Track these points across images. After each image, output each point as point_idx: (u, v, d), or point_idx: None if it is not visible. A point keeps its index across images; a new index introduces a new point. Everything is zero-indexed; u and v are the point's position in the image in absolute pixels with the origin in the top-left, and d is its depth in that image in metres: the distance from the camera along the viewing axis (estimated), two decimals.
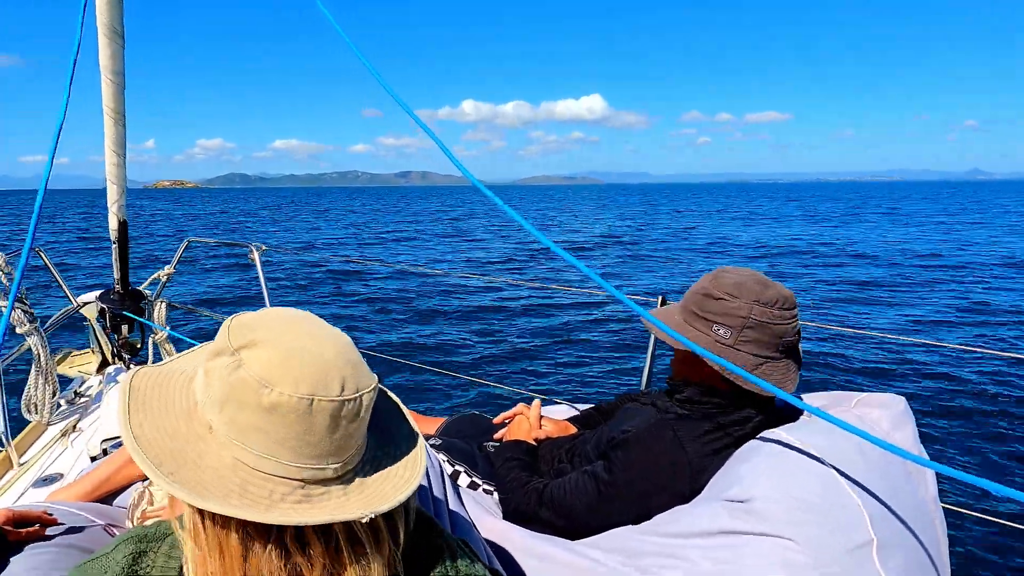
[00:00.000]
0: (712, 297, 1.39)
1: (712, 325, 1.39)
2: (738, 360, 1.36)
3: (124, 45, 2.65)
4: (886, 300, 12.06)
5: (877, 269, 16.24)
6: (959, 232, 27.92)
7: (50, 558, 1.14)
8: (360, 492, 0.71)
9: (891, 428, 1.34)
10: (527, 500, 1.50)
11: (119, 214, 2.98)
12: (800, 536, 1.14)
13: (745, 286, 1.37)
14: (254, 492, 0.65)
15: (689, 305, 1.45)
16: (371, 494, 0.71)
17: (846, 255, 19.37)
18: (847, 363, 7.57)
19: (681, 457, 1.36)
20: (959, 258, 18.28)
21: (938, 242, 23.21)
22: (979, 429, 5.61)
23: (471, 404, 5.86)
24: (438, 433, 2.00)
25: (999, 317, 10.42)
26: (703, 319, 1.40)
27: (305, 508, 0.66)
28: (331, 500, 0.68)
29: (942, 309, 11.12)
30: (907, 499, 1.25)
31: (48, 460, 2.32)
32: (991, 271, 15.54)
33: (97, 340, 3.33)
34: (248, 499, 0.64)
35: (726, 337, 1.37)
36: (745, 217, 42.75)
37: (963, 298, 12.08)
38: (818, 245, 22.47)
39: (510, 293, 12.16)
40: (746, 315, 1.35)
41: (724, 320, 1.37)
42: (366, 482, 0.72)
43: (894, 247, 21.59)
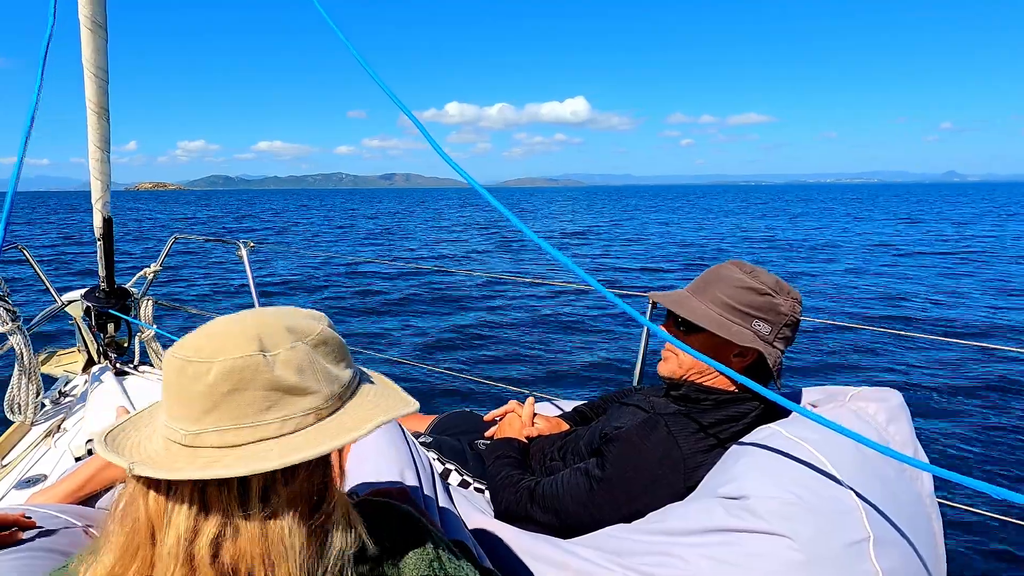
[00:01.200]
0: (757, 292, 1.37)
1: (753, 320, 1.37)
2: (770, 356, 1.37)
3: (107, 39, 2.60)
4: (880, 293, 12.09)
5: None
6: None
7: (27, 562, 1.10)
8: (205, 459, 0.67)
9: (887, 422, 1.33)
10: (519, 498, 1.47)
11: (103, 211, 2.93)
12: (796, 533, 1.12)
13: (781, 284, 1.40)
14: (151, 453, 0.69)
15: (723, 297, 1.40)
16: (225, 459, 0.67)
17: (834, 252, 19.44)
18: (842, 358, 7.60)
19: (675, 453, 1.34)
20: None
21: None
22: (976, 424, 5.63)
23: (462, 401, 5.84)
24: (429, 430, 1.98)
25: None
26: (744, 313, 1.38)
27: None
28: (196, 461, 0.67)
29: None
30: (903, 495, 1.23)
31: (31, 461, 2.28)
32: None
33: (83, 339, 3.28)
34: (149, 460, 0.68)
35: (766, 333, 1.37)
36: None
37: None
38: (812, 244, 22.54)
39: (501, 289, 12.14)
40: (788, 312, 1.37)
41: (767, 316, 1.37)
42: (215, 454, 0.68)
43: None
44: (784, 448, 1.24)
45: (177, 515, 0.66)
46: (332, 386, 0.72)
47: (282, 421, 0.68)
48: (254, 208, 66.39)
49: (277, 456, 0.65)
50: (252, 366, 0.66)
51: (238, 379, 0.66)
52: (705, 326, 1.38)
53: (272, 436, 0.68)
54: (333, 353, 0.74)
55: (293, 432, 0.69)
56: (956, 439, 5.29)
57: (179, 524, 0.66)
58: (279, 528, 0.67)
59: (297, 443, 0.68)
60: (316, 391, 0.70)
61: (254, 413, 0.67)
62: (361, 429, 0.70)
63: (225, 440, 0.67)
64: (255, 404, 0.67)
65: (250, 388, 0.67)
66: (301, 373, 0.69)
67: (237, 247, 3.14)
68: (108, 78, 2.67)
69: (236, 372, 0.66)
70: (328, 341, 0.74)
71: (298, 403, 0.69)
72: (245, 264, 3.09)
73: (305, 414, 0.69)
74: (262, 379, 0.67)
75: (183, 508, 0.66)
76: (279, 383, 0.67)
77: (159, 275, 3.32)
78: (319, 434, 0.69)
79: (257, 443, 0.67)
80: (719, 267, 1.46)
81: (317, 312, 0.78)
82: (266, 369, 0.67)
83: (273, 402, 0.68)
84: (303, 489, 0.70)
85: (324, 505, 0.72)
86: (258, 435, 0.67)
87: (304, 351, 0.70)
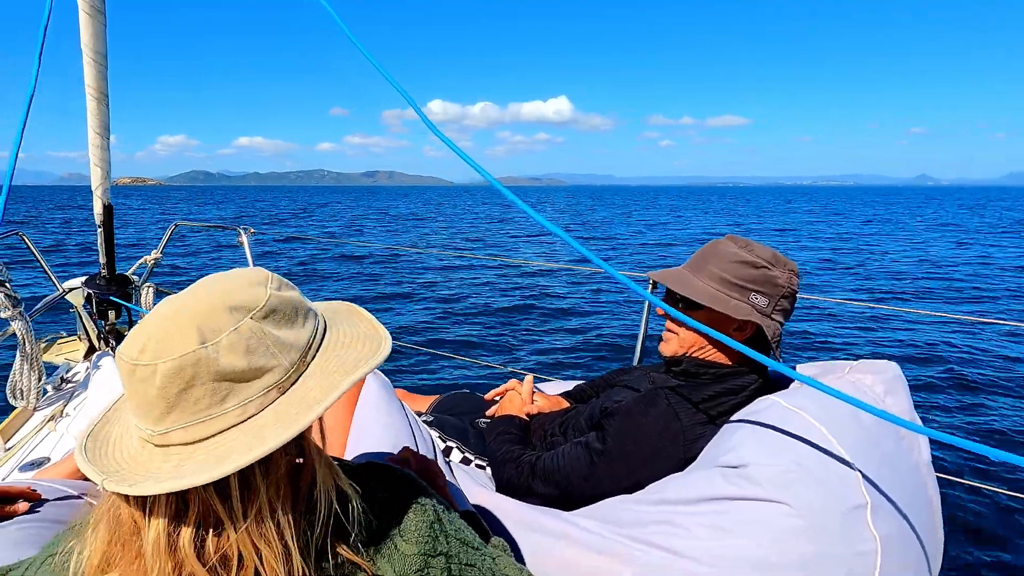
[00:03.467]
0: (753, 266, 1.39)
1: (750, 294, 1.39)
2: (768, 329, 1.39)
3: (106, 23, 2.59)
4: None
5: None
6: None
7: (35, 533, 1.11)
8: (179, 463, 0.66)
9: (884, 393, 1.34)
10: (520, 472, 1.49)
11: (104, 198, 2.93)
12: (794, 500, 1.14)
13: (778, 256, 1.41)
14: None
15: (719, 272, 1.42)
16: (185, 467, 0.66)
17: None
18: (839, 335, 7.66)
19: (675, 425, 1.35)
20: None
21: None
22: (971, 397, 5.68)
23: (463, 382, 5.86)
24: (430, 410, 1.99)
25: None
26: (740, 287, 1.39)
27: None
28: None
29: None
30: (900, 463, 1.25)
31: (34, 446, 2.29)
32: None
33: (84, 326, 3.29)
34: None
35: (763, 305, 1.38)
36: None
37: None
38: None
39: (501, 271, 12.16)
40: (784, 284, 1.38)
41: (764, 288, 1.38)
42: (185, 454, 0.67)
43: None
44: (783, 418, 1.25)
45: (156, 514, 0.66)
46: (290, 354, 0.69)
47: (242, 406, 0.67)
48: (276, 205, 65.38)
49: (245, 448, 0.64)
50: (194, 362, 0.64)
51: (185, 378, 0.64)
52: (703, 302, 1.39)
53: (236, 423, 0.67)
54: (285, 317, 0.71)
55: (257, 413, 0.67)
56: (953, 412, 5.35)
57: (158, 523, 0.65)
58: (262, 509, 0.67)
59: (263, 422, 0.67)
60: (272, 366, 0.68)
61: (210, 406, 0.66)
62: (326, 400, 0.67)
63: (191, 435, 0.66)
64: (208, 397, 0.65)
65: (198, 384, 0.65)
66: (251, 354, 0.66)
67: (238, 233, 3.14)
68: (107, 63, 2.67)
69: (180, 371, 0.64)
70: (277, 307, 0.70)
71: (254, 384, 0.67)
72: (246, 250, 3.09)
73: (266, 391, 0.68)
74: (208, 372, 0.64)
75: (161, 508, 0.65)
76: (227, 373, 0.65)
77: (160, 262, 3.33)
78: (286, 408, 0.68)
79: (225, 432, 0.66)
80: (715, 243, 1.47)
81: (261, 273, 0.74)
82: (211, 361, 0.64)
83: (227, 391, 0.66)
84: (280, 464, 0.69)
85: (305, 472, 0.72)
86: (222, 424, 0.66)
87: (249, 329, 0.67)
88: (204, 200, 79.32)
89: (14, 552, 1.05)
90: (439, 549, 0.80)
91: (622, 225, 33.28)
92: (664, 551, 1.18)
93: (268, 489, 0.67)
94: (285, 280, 0.76)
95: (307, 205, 58.10)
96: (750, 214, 46.55)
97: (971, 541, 3.36)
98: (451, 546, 0.81)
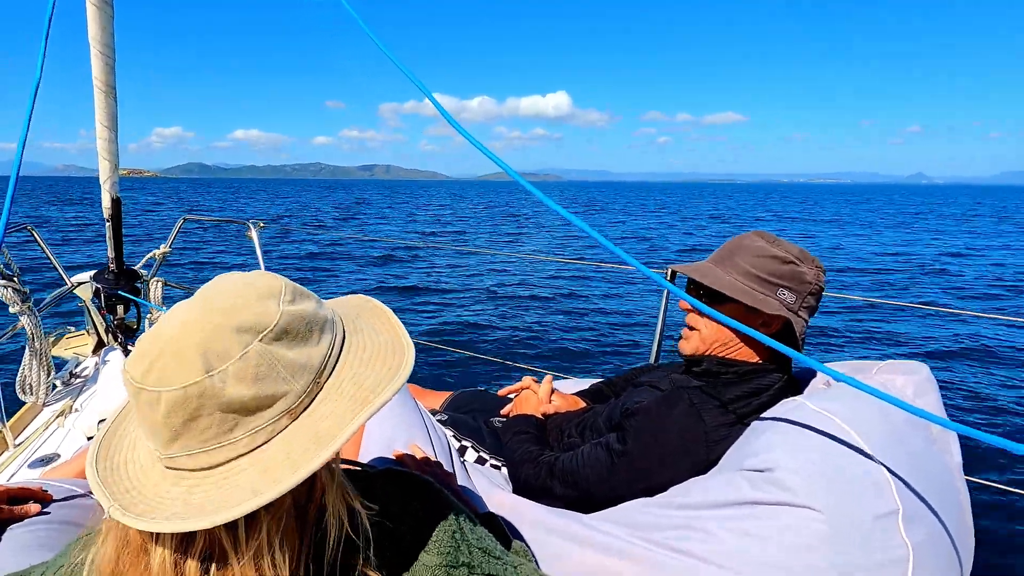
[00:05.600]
0: (781, 261, 1.36)
1: (778, 289, 1.36)
2: (797, 325, 1.36)
3: (113, 15, 2.57)
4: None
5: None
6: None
7: (45, 535, 1.10)
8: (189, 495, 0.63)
9: (915, 395, 1.30)
10: (538, 473, 1.46)
11: (112, 191, 2.92)
12: (824, 506, 1.10)
13: (805, 253, 1.38)
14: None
15: (746, 267, 1.39)
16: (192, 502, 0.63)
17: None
18: (867, 333, 7.61)
19: (698, 426, 1.32)
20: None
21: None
22: (1002, 398, 5.62)
23: (476, 379, 5.83)
24: (444, 408, 1.97)
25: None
26: (767, 282, 1.37)
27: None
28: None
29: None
30: (932, 467, 1.21)
31: (43, 440, 2.28)
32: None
33: (92, 321, 3.28)
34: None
35: (791, 302, 1.36)
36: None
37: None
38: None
39: (515, 267, 12.13)
40: (812, 280, 1.36)
41: (792, 284, 1.36)
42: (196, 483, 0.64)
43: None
44: (810, 420, 1.21)
45: (162, 543, 0.63)
46: (303, 377, 0.65)
47: (251, 435, 0.63)
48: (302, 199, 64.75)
49: (250, 490, 0.60)
50: (199, 393, 0.60)
51: (189, 409, 0.61)
52: (731, 295, 1.35)
53: (244, 452, 0.63)
54: (299, 336, 0.66)
55: (267, 441, 0.64)
56: (986, 413, 5.29)
57: (164, 551, 0.63)
58: (263, 542, 0.64)
59: (272, 454, 0.63)
60: (283, 392, 0.64)
61: (218, 435, 0.62)
62: (340, 435, 0.63)
63: (198, 462, 0.63)
64: (215, 427, 0.62)
65: (204, 414, 0.61)
66: (259, 382, 0.62)
67: (247, 227, 3.12)
68: (115, 56, 2.64)
69: (184, 402, 0.61)
70: (289, 327, 0.65)
71: (263, 414, 0.63)
72: (255, 244, 3.07)
73: (276, 419, 0.64)
74: (214, 403, 0.61)
75: (167, 536, 0.63)
76: (234, 404, 0.62)
77: (168, 256, 3.31)
78: (296, 439, 0.64)
79: (234, 461, 0.63)
80: (741, 237, 1.44)
81: (274, 283, 0.68)
82: (216, 392, 0.61)
83: (235, 422, 0.62)
84: (285, 497, 0.64)
85: (314, 498, 0.69)
86: (230, 453, 0.63)
87: (258, 353, 0.62)
88: (239, 194, 78.34)
89: (24, 555, 1.03)
90: (461, 560, 0.77)
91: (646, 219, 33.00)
92: (687, 556, 1.15)
93: (271, 522, 0.64)
94: (300, 288, 0.71)
95: (352, 203, 57.29)
96: (790, 210, 46.15)
97: (1003, 546, 3.32)
98: (473, 556, 0.79)
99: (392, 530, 0.76)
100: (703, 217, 39.50)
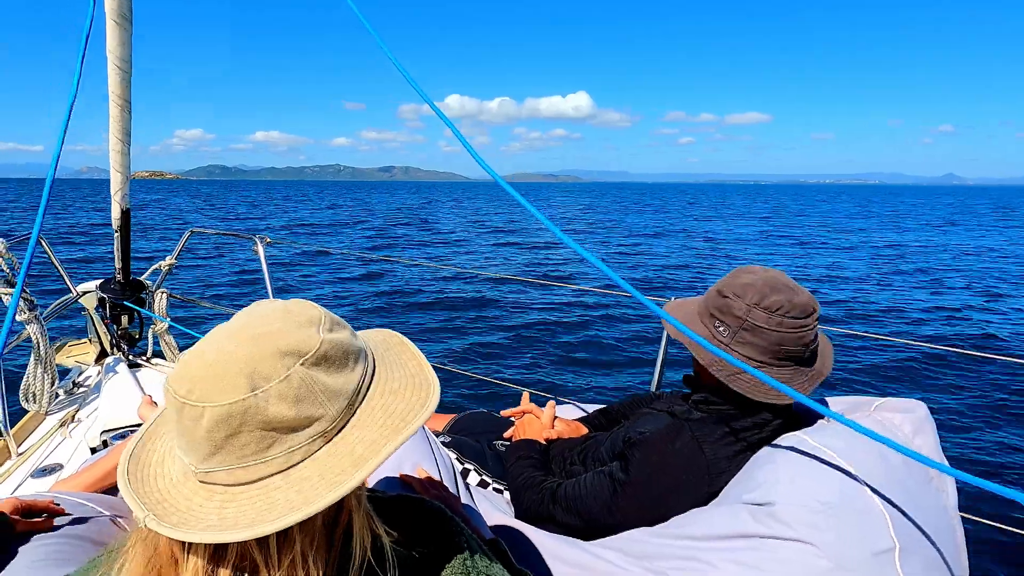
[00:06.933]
0: (721, 295, 1.39)
1: (715, 322, 1.39)
2: (737, 357, 1.33)
3: (132, 31, 2.61)
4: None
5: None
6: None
7: (57, 548, 1.11)
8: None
9: (913, 434, 1.33)
10: (541, 499, 1.48)
11: (122, 203, 2.94)
12: (822, 541, 1.13)
13: (753, 287, 1.34)
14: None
15: (704, 300, 1.45)
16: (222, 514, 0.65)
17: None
18: (867, 369, 7.56)
19: (700, 458, 1.34)
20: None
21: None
22: (1000, 439, 5.61)
23: (478, 401, 5.82)
24: (447, 430, 1.98)
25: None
26: (711, 315, 1.40)
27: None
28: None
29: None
30: (929, 506, 1.23)
31: (47, 450, 2.29)
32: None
33: (95, 330, 3.29)
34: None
35: (724, 335, 1.37)
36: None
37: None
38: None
39: (518, 290, 12.13)
40: (743, 316, 1.34)
41: (725, 319, 1.37)
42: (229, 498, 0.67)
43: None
44: (810, 456, 1.24)
45: (195, 553, 0.66)
46: (338, 402, 0.69)
47: (287, 454, 0.66)
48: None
49: (287, 506, 0.63)
50: (243, 410, 0.64)
51: (233, 425, 0.64)
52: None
53: (279, 470, 0.66)
54: (336, 363, 0.69)
55: (301, 461, 0.67)
56: (983, 454, 5.28)
57: (197, 562, 0.66)
58: (296, 559, 0.67)
59: (306, 474, 0.66)
60: (320, 415, 0.67)
61: (256, 452, 0.66)
62: (373, 459, 0.66)
63: (235, 478, 0.66)
64: (254, 444, 0.65)
65: (245, 431, 0.64)
66: (299, 403, 0.66)
67: (254, 243, 3.15)
68: (132, 70, 2.68)
69: (228, 418, 0.64)
70: (328, 354, 0.69)
71: (301, 434, 0.67)
72: (261, 260, 3.10)
73: (312, 440, 0.67)
74: (256, 420, 0.64)
75: (200, 548, 0.66)
76: (275, 422, 0.65)
77: (174, 268, 3.33)
78: (330, 460, 0.67)
79: (268, 479, 0.66)
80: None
81: (313, 312, 0.73)
82: (259, 410, 0.64)
83: (273, 440, 0.66)
84: (317, 517, 0.68)
85: (341, 520, 0.72)
86: (266, 471, 0.66)
87: (300, 377, 0.66)
88: (323, 199, 75.72)
89: (38, 569, 1.04)
90: None
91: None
92: None
93: (304, 539, 0.67)
94: (336, 318, 0.75)
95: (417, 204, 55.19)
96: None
97: None
98: None
99: (405, 556, 0.78)
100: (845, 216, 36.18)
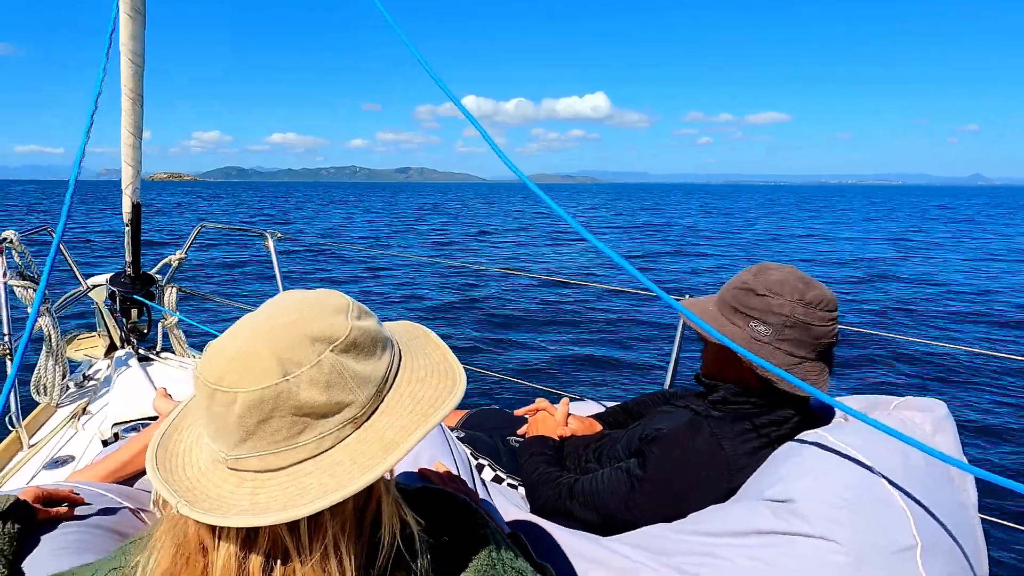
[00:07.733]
0: (754, 293, 1.37)
1: (751, 321, 1.37)
2: (775, 359, 1.34)
3: (145, 25, 2.62)
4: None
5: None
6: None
7: (79, 538, 1.11)
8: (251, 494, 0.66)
9: (933, 432, 1.32)
10: (558, 494, 1.47)
11: (133, 196, 2.95)
12: (843, 537, 1.12)
13: (788, 284, 1.35)
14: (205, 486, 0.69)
15: (727, 299, 1.42)
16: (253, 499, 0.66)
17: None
18: (886, 367, 7.53)
19: (719, 455, 1.34)
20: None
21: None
22: (1020, 439, 5.58)
23: (491, 398, 5.82)
24: (460, 425, 1.98)
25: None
26: (741, 314, 1.38)
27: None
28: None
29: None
30: (949, 504, 1.23)
31: (58, 442, 2.29)
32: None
33: (105, 323, 3.30)
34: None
35: (764, 334, 1.35)
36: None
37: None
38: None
39: (531, 287, 12.11)
40: (788, 314, 1.33)
41: (764, 317, 1.35)
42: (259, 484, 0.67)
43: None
44: (831, 453, 1.23)
45: (226, 539, 0.66)
46: (367, 388, 0.69)
47: (318, 440, 0.67)
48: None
49: (321, 489, 0.64)
50: (275, 395, 0.64)
51: (265, 410, 0.65)
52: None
53: (310, 456, 0.67)
54: (365, 350, 0.70)
55: (332, 447, 0.67)
56: (1002, 453, 5.25)
57: (229, 548, 0.66)
58: (328, 545, 0.67)
59: (338, 459, 0.67)
60: (350, 401, 0.68)
61: (287, 438, 0.66)
62: (404, 443, 0.67)
63: (266, 464, 0.66)
64: (286, 429, 0.66)
65: (276, 416, 0.65)
66: (330, 389, 0.66)
67: (264, 238, 3.15)
68: (144, 64, 2.69)
69: (260, 404, 0.64)
70: (357, 341, 0.69)
71: (332, 419, 0.67)
72: (272, 255, 3.10)
73: (342, 426, 0.68)
74: (288, 405, 0.65)
75: (231, 534, 0.66)
76: (306, 407, 0.65)
77: (184, 262, 3.34)
78: (360, 446, 0.67)
79: (299, 464, 0.67)
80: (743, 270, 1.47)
81: (341, 300, 0.74)
82: (291, 395, 0.65)
83: (304, 425, 0.66)
84: (348, 501, 0.68)
85: (371, 507, 0.72)
86: (297, 456, 0.66)
87: (330, 363, 0.66)
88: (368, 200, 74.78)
89: (61, 557, 1.04)
90: None
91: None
92: None
93: (335, 525, 0.68)
94: (363, 307, 0.75)
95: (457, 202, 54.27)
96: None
97: None
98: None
99: (432, 546, 0.78)
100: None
